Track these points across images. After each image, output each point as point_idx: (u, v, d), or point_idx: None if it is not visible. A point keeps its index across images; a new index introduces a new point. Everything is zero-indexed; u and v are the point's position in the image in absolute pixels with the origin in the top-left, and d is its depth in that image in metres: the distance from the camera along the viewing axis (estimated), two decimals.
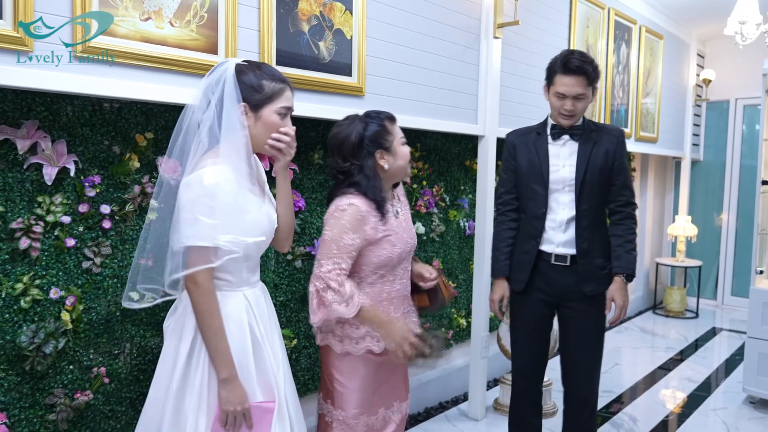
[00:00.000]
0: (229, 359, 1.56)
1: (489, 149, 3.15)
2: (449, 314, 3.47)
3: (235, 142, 1.57)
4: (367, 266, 1.92)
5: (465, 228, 3.50)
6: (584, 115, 2.38)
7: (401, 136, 1.98)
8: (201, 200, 1.51)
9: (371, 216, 1.88)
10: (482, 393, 3.25)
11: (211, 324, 1.56)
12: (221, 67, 1.60)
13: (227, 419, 1.56)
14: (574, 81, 2.21)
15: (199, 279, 1.55)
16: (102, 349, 2.03)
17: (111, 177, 2.01)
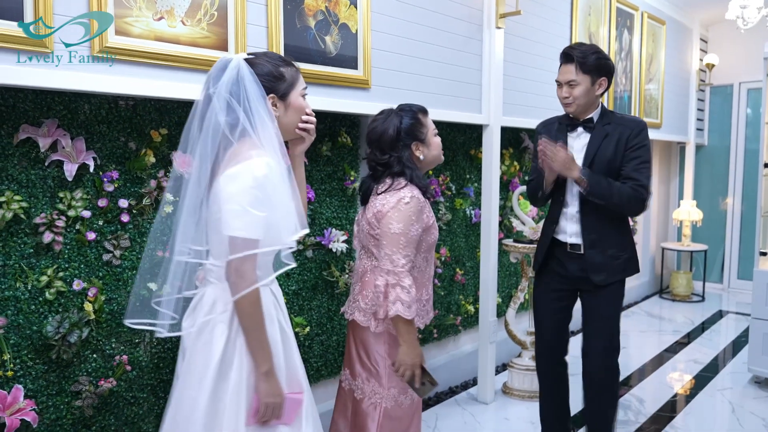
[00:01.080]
0: (270, 352, 1.56)
1: (493, 138, 3.20)
2: (457, 301, 3.54)
3: (269, 135, 1.55)
4: (419, 250, 2.01)
5: (471, 216, 3.56)
6: (602, 104, 2.40)
7: (434, 127, 2.09)
8: (251, 191, 1.48)
9: (426, 205, 2.00)
10: (491, 377, 3.32)
11: (255, 317, 1.54)
12: (231, 66, 1.56)
13: (265, 412, 1.56)
14: (564, 68, 2.34)
15: (245, 272, 1.51)
16: (123, 338, 2.11)
17: (128, 172, 2.08)
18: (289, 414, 1.62)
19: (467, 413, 3.19)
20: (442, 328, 3.45)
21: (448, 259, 3.43)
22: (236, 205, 1.48)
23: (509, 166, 3.78)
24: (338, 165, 2.78)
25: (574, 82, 2.30)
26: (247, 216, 1.48)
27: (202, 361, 1.57)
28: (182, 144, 1.64)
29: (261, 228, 1.50)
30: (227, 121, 1.54)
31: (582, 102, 2.33)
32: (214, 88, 1.56)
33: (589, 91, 2.32)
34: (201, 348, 1.59)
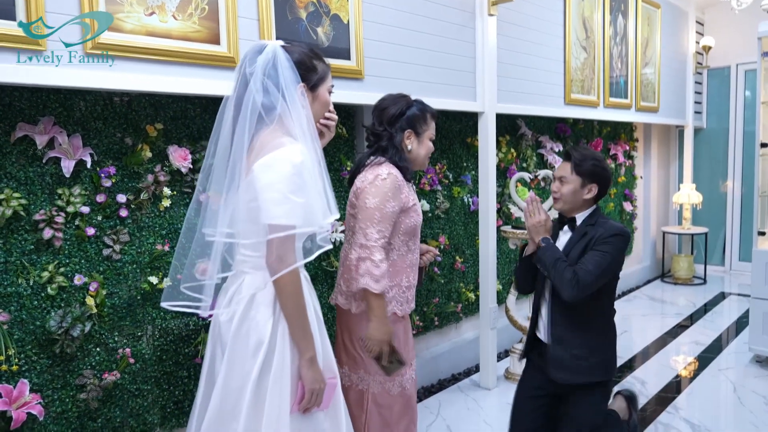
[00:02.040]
0: (312, 338, 1.59)
1: (489, 125, 3.21)
2: (458, 288, 3.56)
3: (301, 121, 1.58)
4: (397, 233, 2.05)
5: (469, 204, 3.58)
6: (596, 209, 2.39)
7: (432, 133, 2.18)
8: (291, 179, 1.50)
9: (405, 185, 2.05)
10: (493, 363, 3.34)
11: (298, 304, 1.56)
12: (267, 50, 1.59)
13: (310, 398, 1.58)
14: (562, 164, 2.40)
15: (287, 258, 1.53)
16: (126, 332, 2.14)
17: (125, 167, 2.10)
18: (326, 400, 1.65)
19: (470, 399, 3.21)
20: (443, 315, 3.47)
21: (447, 247, 3.45)
22: (276, 193, 1.50)
23: (506, 153, 3.80)
24: (334, 156, 2.80)
25: (564, 179, 2.35)
26: (287, 203, 1.50)
27: (252, 348, 1.57)
28: (215, 131, 1.65)
29: (299, 214, 1.52)
30: (264, 102, 1.57)
31: (568, 200, 2.34)
32: (250, 69, 1.58)
33: (577, 192, 2.33)
34: (244, 335, 1.59)
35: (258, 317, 1.59)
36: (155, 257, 2.19)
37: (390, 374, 2.05)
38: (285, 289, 1.55)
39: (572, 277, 2.17)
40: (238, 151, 1.58)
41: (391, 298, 2.08)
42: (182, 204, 2.26)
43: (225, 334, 1.64)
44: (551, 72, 3.84)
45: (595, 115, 4.34)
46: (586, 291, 2.18)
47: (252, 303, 1.61)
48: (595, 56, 4.30)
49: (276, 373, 1.57)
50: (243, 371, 1.57)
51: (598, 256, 2.22)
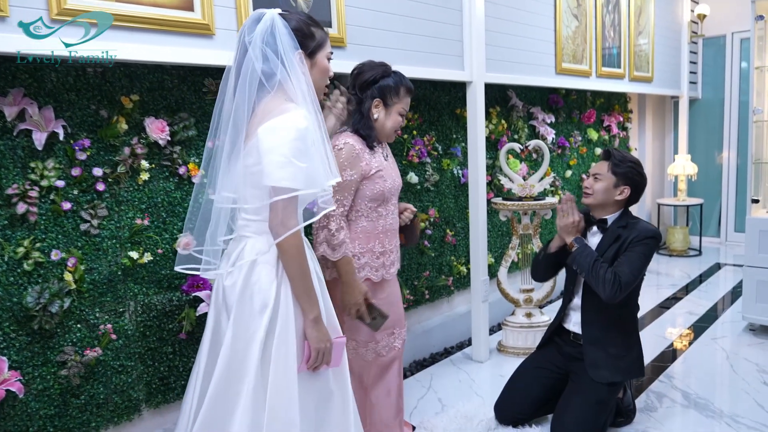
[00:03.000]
0: (316, 300, 1.63)
1: (477, 95, 3.15)
2: (449, 262, 3.53)
3: (302, 88, 1.61)
4: (363, 200, 2.11)
5: (459, 176, 3.53)
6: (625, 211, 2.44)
7: (404, 107, 2.18)
8: (294, 143, 1.53)
9: (365, 153, 2.07)
10: (485, 336, 3.32)
11: (301, 266, 1.59)
12: (265, 18, 1.61)
13: (317, 357, 1.63)
14: (600, 163, 2.45)
15: (291, 222, 1.56)
16: (107, 308, 2.10)
17: (100, 140, 2.05)
18: (337, 357, 1.70)
19: (462, 372, 3.20)
20: (434, 289, 3.45)
21: (438, 221, 3.42)
22: (280, 156, 1.52)
23: (497, 124, 3.74)
24: None
25: (599, 176, 2.39)
26: (290, 166, 1.52)
27: (257, 310, 1.60)
28: (219, 97, 1.68)
29: (302, 178, 1.55)
30: (263, 69, 1.59)
31: (599, 197, 2.38)
32: (249, 37, 1.61)
33: (609, 191, 2.37)
34: (248, 299, 1.62)
35: (262, 280, 1.62)
36: (135, 232, 2.15)
37: (377, 329, 2.12)
38: (289, 251, 1.58)
39: (613, 278, 2.22)
40: (240, 117, 1.61)
41: (364, 264, 2.14)
42: (161, 177, 2.21)
43: (230, 297, 1.66)
44: (541, 41, 3.77)
45: (587, 85, 4.28)
46: (626, 291, 2.24)
47: (254, 267, 1.63)
48: (586, 24, 4.22)
49: (281, 335, 1.60)
50: (248, 334, 1.60)
51: (635, 258, 2.27)
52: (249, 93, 1.60)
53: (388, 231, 2.20)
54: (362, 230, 2.14)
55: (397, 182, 2.23)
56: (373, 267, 2.16)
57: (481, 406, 2.75)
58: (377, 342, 2.18)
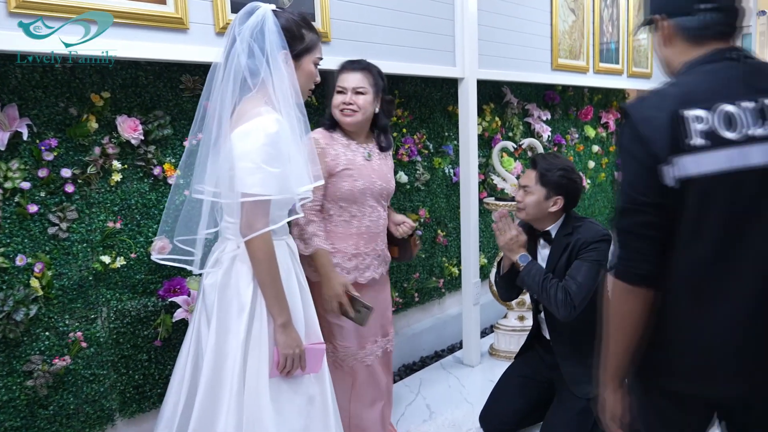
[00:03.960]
0: (286, 305, 1.61)
1: (469, 92, 3.05)
2: (440, 263, 3.44)
3: (284, 88, 1.59)
4: (333, 199, 2.06)
5: (451, 175, 3.43)
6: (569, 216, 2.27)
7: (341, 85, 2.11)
8: (264, 149, 1.51)
9: (331, 149, 2.03)
10: (476, 340, 3.24)
11: (270, 271, 1.58)
12: (258, 12, 1.59)
13: (286, 362, 1.61)
14: (528, 172, 2.29)
15: (254, 221, 1.55)
16: (78, 314, 2.01)
17: (69, 140, 1.96)
18: (315, 364, 1.68)
19: (452, 377, 3.12)
20: (424, 291, 3.36)
21: (428, 221, 3.32)
22: (250, 162, 1.51)
23: (490, 122, 3.64)
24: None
25: (528, 189, 2.24)
26: (260, 172, 1.51)
27: (235, 313, 1.61)
28: (205, 91, 1.66)
29: (274, 184, 1.53)
30: (248, 64, 1.57)
31: (532, 212, 2.24)
32: (239, 29, 1.59)
33: (540, 204, 2.22)
34: (228, 302, 1.62)
35: (240, 283, 1.63)
36: (107, 235, 2.06)
37: (363, 323, 2.04)
38: (256, 254, 1.57)
39: (564, 297, 2.07)
40: (224, 111, 1.60)
41: (335, 264, 2.07)
42: (134, 178, 2.12)
43: (209, 297, 1.67)
44: (537, 36, 3.67)
45: (584, 81, 4.17)
46: (581, 306, 2.07)
47: (232, 269, 1.64)
48: (584, 19, 4.11)
49: (255, 339, 1.61)
50: (229, 337, 1.61)
51: (586, 267, 2.10)
52: (233, 87, 1.58)
53: (363, 233, 2.12)
54: (333, 230, 2.09)
55: (377, 185, 2.13)
56: (345, 269, 2.10)
57: (470, 414, 2.66)
58: (361, 349, 2.13)
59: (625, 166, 1.26)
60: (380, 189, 2.14)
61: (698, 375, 1.25)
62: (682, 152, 1.17)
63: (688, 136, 1.17)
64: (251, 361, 1.60)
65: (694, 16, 1.27)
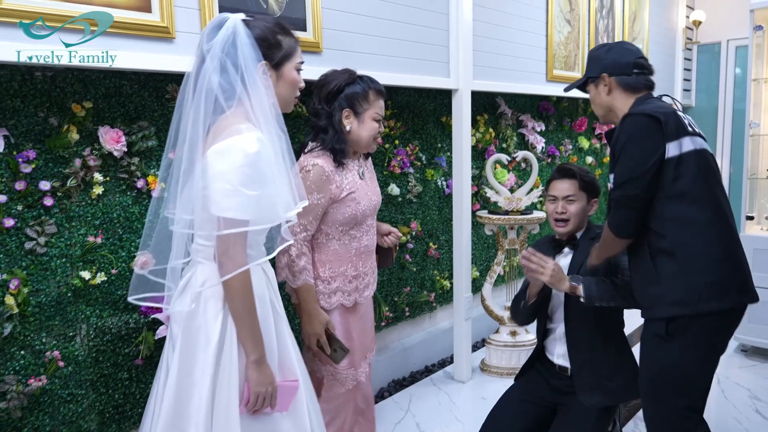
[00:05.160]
0: (261, 340, 1.50)
1: (463, 103, 3.00)
2: (432, 276, 3.38)
3: (262, 104, 1.47)
4: (334, 224, 1.99)
5: (444, 187, 3.38)
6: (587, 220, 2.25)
7: (377, 112, 2.02)
8: (242, 170, 1.39)
9: (336, 176, 1.94)
10: (467, 355, 3.18)
11: (246, 304, 1.47)
12: (227, 24, 1.48)
13: (256, 401, 1.50)
14: (561, 183, 2.21)
15: (235, 253, 1.44)
16: (55, 332, 1.94)
17: (49, 151, 1.88)
18: (285, 402, 1.57)
19: (443, 393, 3.06)
20: (415, 305, 3.30)
21: (419, 234, 3.27)
22: (226, 183, 1.40)
23: (484, 133, 3.59)
24: (293, 137, 2.55)
25: (572, 198, 2.17)
26: (237, 196, 1.40)
27: (202, 345, 1.50)
28: (176, 111, 1.54)
29: (252, 208, 1.42)
30: (220, 83, 1.46)
31: (576, 221, 2.18)
32: (208, 45, 1.48)
33: (585, 210, 2.20)
34: (195, 331, 1.51)
35: (208, 312, 1.51)
36: (87, 250, 1.99)
37: (338, 362, 2.01)
38: (233, 288, 1.46)
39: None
40: (195, 134, 1.48)
41: (335, 289, 2.03)
42: (117, 191, 2.05)
43: (174, 325, 1.58)
44: (532, 47, 3.63)
45: (578, 92, 4.12)
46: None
47: (201, 296, 1.52)
48: (579, 30, 4.08)
49: (224, 372, 1.49)
50: (195, 370, 1.50)
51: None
52: (205, 109, 1.46)
53: (362, 253, 2.07)
54: (333, 253, 2.02)
55: (374, 202, 2.09)
56: (346, 291, 2.05)
57: None
58: (371, 353, 2.14)
59: (632, 147, 1.75)
60: (375, 204, 2.11)
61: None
62: (684, 135, 1.76)
63: (684, 125, 1.78)
64: (219, 395, 1.49)
65: (631, 76, 1.91)
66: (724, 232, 1.78)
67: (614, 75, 1.91)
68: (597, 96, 1.97)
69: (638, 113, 1.78)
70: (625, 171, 1.76)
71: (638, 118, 1.76)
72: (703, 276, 1.74)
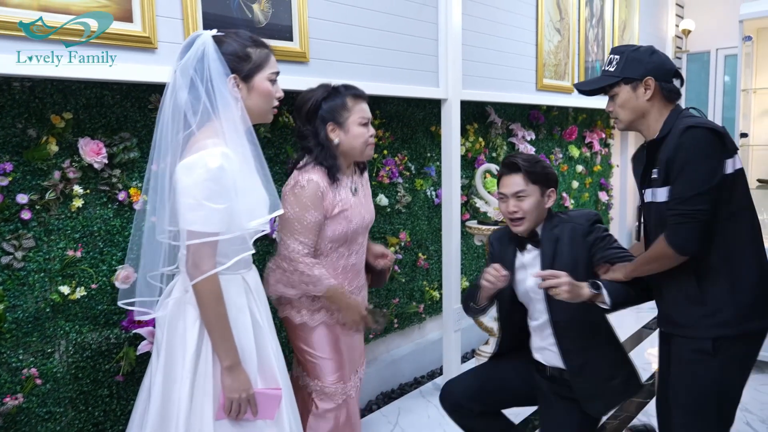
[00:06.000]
0: (233, 346, 1.54)
1: (452, 113, 2.98)
2: (421, 287, 3.35)
3: (231, 118, 1.52)
4: (323, 240, 1.96)
5: (433, 197, 3.35)
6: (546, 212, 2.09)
7: (362, 115, 1.97)
8: (205, 184, 1.45)
9: (329, 192, 1.92)
10: (457, 367, 3.14)
11: (215, 310, 1.52)
12: (197, 42, 1.53)
13: (232, 407, 1.54)
14: (508, 179, 2.05)
15: (203, 265, 1.49)
16: (33, 349, 1.89)
17: (27, 163, 1.84)
18: (269, 410, 1.60)
19: (432, 406, 3.02)
20: (404, 316, 3.26)
21: (408, 244, 3.23)
22: (191, 198, 1.46)
23: (474, 142, 3.57)
24: (280, 147, 2.55)
25: (522, 194, 2.01)
26: (202, 209, 1.46)
27: (180, 352, 1.55)
28: (157, 123, 1.58)
29: (218, 220, 1.48)
30: (189, 99, 1.51)
31: (532, 217, 2.03)
32: (179, 63, 1.54)
33: (540, 205, 2.04)
34: (176, 338, 1.57)
35: (187, 319, 1.57)
36: (67, 264, 1.94)
37: (384, 325, 2.12)
38: (201, 295, 1.51)
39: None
40: (175, 149, 1.55)
41: (320, 306, 2.01)
42: (98, 204, 2.00)
43: (158, 331, 1.63)
44: (522, 56, 3.61)
45: (569, 101, 4.12)
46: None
47: (181, 303, 1.59)
48: (569, 39, 4.07)
49: (200, 379, 1.55)
50: (176, 374, 1.55)
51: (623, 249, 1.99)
52: (175, 126, 1.53)
53: (349, 272, 2.04)
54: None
55: (366, 220, 2.06)
56: (330, 310, 2.02)
57: None
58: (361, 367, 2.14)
59: (698, 161, 1.68)
60: (368, 222, 2.08)
61: None
62: (736, 152, 1.74)
63: (733, 143, 1.73)
64: (196, 401, 1.54)
65: (671, 84, 1.82)
66: (762, 250, 1.78)
67: (659, 80, 1.79)
68: (632, 99, 1.82)
69: (700, 126, 1.68)
70: (692, 186, 1.67)
71: (702, 132, 1.67)
72: (749, 295, 1.73)
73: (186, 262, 1.52)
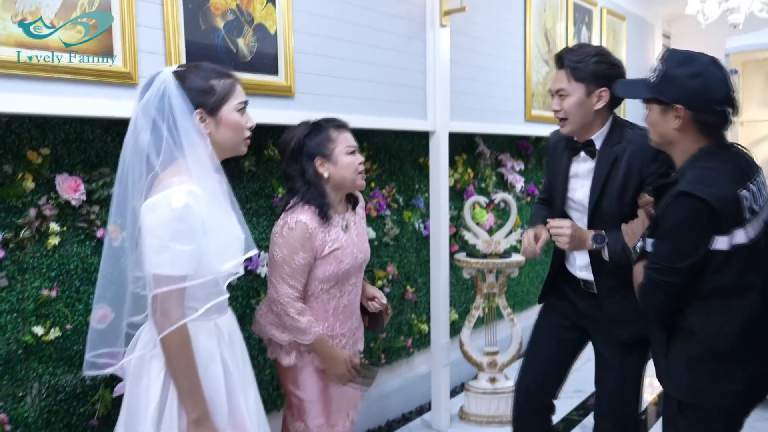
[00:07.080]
0: (201, 397, 1.45)
1: (440, 145, 2.96)
2: (409, 320, 3.29)
3: (198, 154, 1.46)
4: (314, 281, 1.92)
5: (421, 229, 3.31)
6: (614, 119, 1.94)
7: (348, 144, 1.94)
8: (170, 225, 1.38)
9: (319, 232, 1.88)
10: (446, 403, 3.08)
11: (181, 360, 1.43)
12: (158, 79, 1.47)
13: None
14: (556, 74, 1.92)
15: (169, 311, 1.41)
16: (3, 393, 1.82)
17: (1, 200, 1.79)
18: None
19: None
20: (392, 351, 3.20)
21: (396, 278, 3.18)
22: (155, 239, 1.39)
23: (463, 173, 3.55)
24: (265, 181, 2.51)
25: (563, 92, 1.87)
26: (167, 252, 1.39)
27: (144, 404, 1.48)
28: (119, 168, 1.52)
29: (186, 262, 1.41)
30: (152, 140, 1.45)
31: (576, 119, 1.86)
32: (140, 103, 1.48)
33: (584, 104, 1.85)
34: (139, 392, 1.49)
35: (152, 372, 1.49)
36: (41, 303, 1.88)
37: (370, 386, 2.05)
38: (169, 345, 1.43)
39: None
40: (134, 191, 1.47)
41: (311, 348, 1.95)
42: (75, 241, 1.95)
43: (127, 381, 1.56)
44: (510, 87, 3.61)
45: None
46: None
47: (151, 344, 1.51)
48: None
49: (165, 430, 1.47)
50: (139, 428, 1.47)
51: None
52: (139, 169, 1.46)
53: (341, 313, 1.99)
54: (310, 311, 1.93)
55: (359, 260, 2.01)
56: None
57: None
58: (332, 426, 2.03)
59: (678, 233, 1.52)
60: (361, 261, 2.03)
61: None
62: (739, 225, 1.50)
63: (743, 213, 1.50)
64: None
65: (711, 114, 1.53)
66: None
67: (693, 109, 1.53)
68: (659, 124, 1.61)
69: (695, 195, 1.46)
70: (667, 256, 1.53)
71: (693, 204, 1.47)
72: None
73: (153, 313, 1.44)
